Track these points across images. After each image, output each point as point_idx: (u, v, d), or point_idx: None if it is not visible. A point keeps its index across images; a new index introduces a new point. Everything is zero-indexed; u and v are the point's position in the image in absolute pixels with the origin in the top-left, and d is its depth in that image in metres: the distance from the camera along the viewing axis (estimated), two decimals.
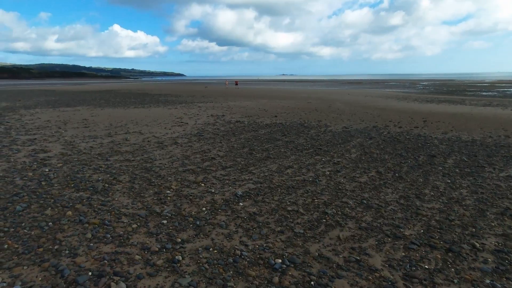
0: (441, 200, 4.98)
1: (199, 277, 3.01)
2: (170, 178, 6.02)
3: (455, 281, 2.98)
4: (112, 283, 2.86)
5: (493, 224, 4.17)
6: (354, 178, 6.12)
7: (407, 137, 10.36)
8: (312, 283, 2.94)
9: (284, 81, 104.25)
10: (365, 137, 10.30)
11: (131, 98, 27.56)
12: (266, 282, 2.95)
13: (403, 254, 3.45)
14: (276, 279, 2.98)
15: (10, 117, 15.18)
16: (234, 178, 6.05)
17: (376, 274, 3.08)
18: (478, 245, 3.62)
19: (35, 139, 9.79)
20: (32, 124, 12.82)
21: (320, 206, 4.74)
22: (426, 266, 3.22)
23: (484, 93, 34.66)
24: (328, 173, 6.43)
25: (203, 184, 5.69)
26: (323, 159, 7.53)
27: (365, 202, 4.91)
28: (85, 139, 9.79)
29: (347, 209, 4.65)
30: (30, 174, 6.20)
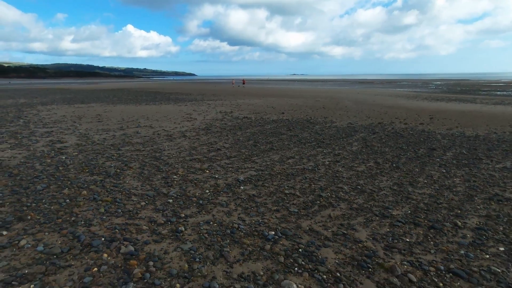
0: (433, 187, 5.21)
1: (199, 244, 3.36)
2: (177, 165, 6.41)
3: (432, 251, 3.25)
4: (122, 246, 3.24)
5: (479, 207, 4.40)
6: (352, 167, 6.39)
7: (411, 132, 10.51)
8: (300, 250, 3.25)
9: (294, 80, 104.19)
10: (369, 132, 10.51)
11: (142, 96, 28.23)
12: (258, 249, 3.28)
13: (388, 230, 3.73)
14: (268, 247, 3.31)
15: (28, 112, 15.89)
16: (238, 166, 6.39)
17: (359, 245, 3.38)
18: (460, 223, 3.87)
19: (52, 131, 10.34)
20: (49, 119, 13.43)
21: (316, 190, 5.04)
22: (407, 240, 3.49)
23: (498, 92, 34.12)
24: (327, 163, 6.71)
25: (207, 171, 6.05)
26: (324, 151, 7.80)
27: (359, 187, 5.18)
28: (98, 132, 10.29)
29: (341, 193, 4.93)
30: (48, 160, 6.68)
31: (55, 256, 3.06)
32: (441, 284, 2.73)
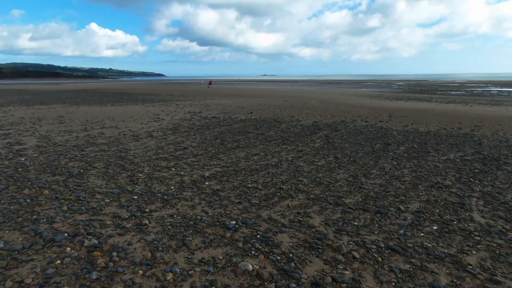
0: (384, 178, 5.69)
1: (162, 235, 3.51)
2: (143, 164, 6.46)
3: (376, 232, 3.63)
4: (86, 240, 3.32)
5: (421, 194, 4.89)
6: (313, 162, 6.77)
7: (370, 129, 11.17)
8: (258, 236, 3.51)
9: (264, 81, 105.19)
10: (332, 129, 11.04)
11: (108, 97, 27.41)
12: (219, 237, 3.50)
13: (339, 216, 4.08)
14: (228, 235, 3.53)
15: None
16: (204, 164, 6.56)
17: (312, 229, 3.69)
18: (403, 208, 4.31)
19: (9, 133, 9.90)
20: (6, 121, 12.79)
21: (278, 183, 5.34)
22: (356, 223, 3.86)
23: (452, 92, 36.61)
24: (290, 158, 7.05)
25: (173, 169, 6.16)
26: (288, 148, 8.16)
27: (317, 180, 5.54)
28: (60, 133, 10.00)
29: (300, 185, 5.26)
30: (6, 162, 6.47)
31: (16, 252, 3.09)
32: (380, 259, 3.09)
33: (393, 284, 2.71)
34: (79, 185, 5.15)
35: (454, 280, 2.78)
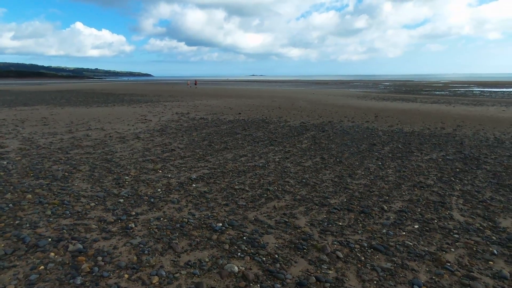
0: (368, 178, 5.81)
1: (149, 238, 3.51)
2: (129, 167, 6.41)
3: (359, 231, 3.72)
4: (70, 245, 3.29)
5: (404, 193, 5.02)
6: (300, 163, 6.84)
7: (356, 130, 11.34)
8: (244, 238, 3.54)
9: (253, 81, 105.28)
10: (319, 130, 11.16)
11: (94, 97, 26.98)
12: (206, 239, 3.52)
13: (325, 216, 4.15)
14: (215, 237, 3.56)
15: None
16: (191, 166, 6.55)
17: (298, 230, 3.75)
18: (386, 208, 4.42)
19: None
20: None
21: (265, 185, 5.38)
22: (340, 224, 3.93)
23: (437, 92, 37.48)
24: (277, 159, 7.11)
25: (160, 171, 6.14)
26: (275, 149, 8.22)
27: (304, 181, 5.62)
28: (44, 136, 9.81)
29: (287, 186, 5.32)
30: None
31: None
32: (362, 258, 3.17)
33: (375, 282, 2.79)
34: (64, 188, 5.08)
35: (433, 277, 2.88)
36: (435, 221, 4.02)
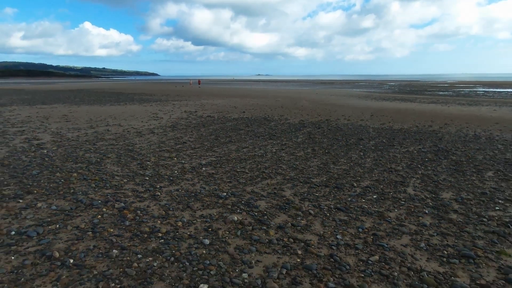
0: (348, 165, 6.96)
1: (172, 201, 4.73)
2: (149, 155, 7.65)
3: (330, 199, 4.89)
4: (116, 204, 4.52)
5: (374, 175, 6.17)
6: (293, 153, 8.02)
7: (350, 127, 12.46)
8: (243, 202, 4.74)
9: (258, 81, 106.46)
10: (315, 127, 12.31)
11: (105, 96, 28.40)
12: (214, 202, 4.73)
13: (306, 190, 5.33)
14: (220, 201, 4.76)
15: None
16: (200, 154, 7.77)
17: (283, 198, 4.94)
18: (356, 184, 5.58)
19: (23, 130, 10.99)
20: (15, 119, 13.83)
21: (261, 169, 6.58)
22: (317, 194, 5.11)
23: (440, 92, 38.20)
24: (274, 150, 8.30)
25: (175, 158, 7.36)
26: (274, 142, 9.41)
27: (294, 166, 6.80)
28: (70, 130, 11.12)
29: (280, 170, 6.51)
30: (32, 154, 7.61)
31: (66, 211, 4.28)
32: (328, 214, 4.35)
33: (332, 227, 3.97)
34: (99, 170, 6.33)
35: (375, 225, 4.04)
36: (391, 193, 5.17)
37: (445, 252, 3.39)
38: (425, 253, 3.39)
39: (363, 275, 2.96)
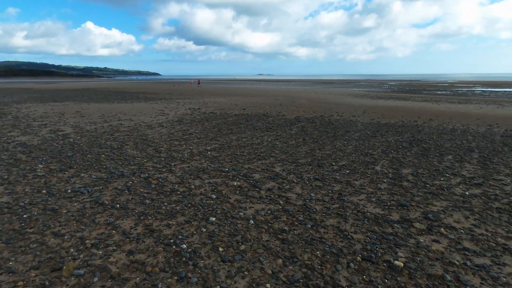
0: (332, 150, 8.19)
1: (184, 174, 5.97)
2: (162, 143, 8.89)
3: (311, 173, 6.12)
4: (142, 174, 5.77)
5: (351, 158, 7.40)
6: (286, 142, 9.25)
7: (341, 122, 13.67)
8: (241, 174, 5.98)
9: (259, 80, 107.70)
10: (309, 122, 13.53)
11: (111, 95, 29.69)
12: (218, 174, 5.97)
13: (293, 167, 6.56)
14: (223, 174, 6.00)
15: (9, 110, 17.26)
16: (206, 143, 9.01)
17: (274, 172, 6.17)
18: (334, 164, 6.81)
19: (46, 123, 12.26)
20: (34, 115, 15.11)
21: (258, 153, 7.81)
22: (301, 170, 6.34)
23: (438, 92, 39.23)
24: (270, 140, 9.53)
25: (184, 145, 8.61)
26: (270, 133, 10.64)
27: (285, 151, 8.03)
28: (87, 124, 12.37)
29: (273, 153, 7.74)
30: (61, 142, 8.86)
31: (104, 179, 5.53)
32: (307, 182, 5.58)
33: (309, 190, 5.19)
34: (122, 153, 7.58)
35: (342, 188, 5.27)
36: (361, 169, 6.40)
37: (389, 204, 4.62)
38: (374, 204, 4.62)
39: (324, 214, 4.19)
